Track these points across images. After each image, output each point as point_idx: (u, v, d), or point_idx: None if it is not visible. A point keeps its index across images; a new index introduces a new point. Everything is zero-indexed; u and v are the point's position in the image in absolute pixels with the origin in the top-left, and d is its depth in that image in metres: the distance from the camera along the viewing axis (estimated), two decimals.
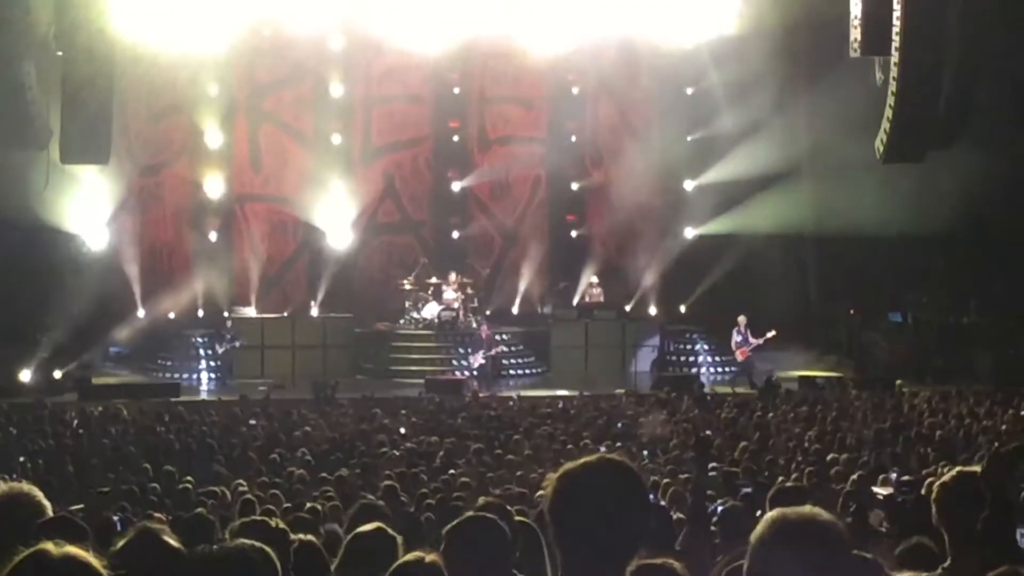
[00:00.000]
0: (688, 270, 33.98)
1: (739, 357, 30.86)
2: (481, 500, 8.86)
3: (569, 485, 3.88)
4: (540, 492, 3.83)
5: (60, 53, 25.73)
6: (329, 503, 12.78)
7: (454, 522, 5.41)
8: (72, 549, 3.41)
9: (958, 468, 5.93)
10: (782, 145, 31.21)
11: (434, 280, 32.75)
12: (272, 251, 34.39)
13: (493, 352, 30.84)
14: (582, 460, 3.94)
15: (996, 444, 6.01)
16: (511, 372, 31.91)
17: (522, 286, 34.89)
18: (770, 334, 30.18)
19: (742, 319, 30.70)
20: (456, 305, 32.12)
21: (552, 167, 35.38)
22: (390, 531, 5.77)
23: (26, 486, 5.07)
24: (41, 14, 25.84)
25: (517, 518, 7.42)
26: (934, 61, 24.93)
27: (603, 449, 16.57)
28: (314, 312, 33.44)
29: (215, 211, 33.92)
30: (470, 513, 5.73)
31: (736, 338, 30.76)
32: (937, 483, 5.89)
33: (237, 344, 30.78)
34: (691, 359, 32.75)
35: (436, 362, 31.50)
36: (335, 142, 34.34)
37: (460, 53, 33.16)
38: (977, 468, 5.69)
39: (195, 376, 31.21)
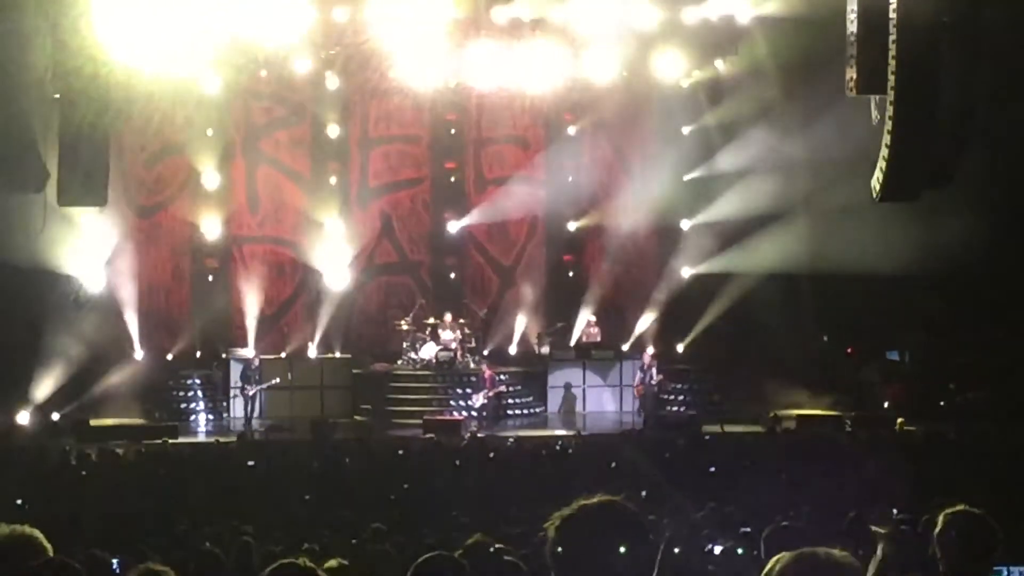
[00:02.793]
0: (685, 310, 33.92)
1: (636, 393, 30.81)
2: (472, 539, 8.82)
3: (569, 529, 3.87)
4: (541, 533, 3.81)
5: (57, 96, 25.78)
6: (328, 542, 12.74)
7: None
8: None
9: (961, 506, 5.92)
10: (779, 184, 31.24)
11: (431, 320, 32.75)
12: (269, 292, 34.33)
13: (493, 392, 30.82)
14: (580, 503, 3.93)
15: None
16: (509, 412, 31.84)
17: (519, 326, 34.86)
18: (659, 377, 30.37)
19: (648, 356, 30.73)
20: (453, 345, 32.10)
21: (549, 207, 35.38)
22: None
23: (27, 528, 5.07)
24: (38, 56, 25.88)
25: (507, 557, 7.41)
26: (930, 100, 24.98)
27: (600, 491, 16.50)
28: (312, 353, 33.43)
29: (212, 252, 33.92)
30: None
31: (639, 374, 30.74)
32: (940, 520, 5.90)
33: (265, 386, 30.75)
34: (688, 399, 32.59)
35: (434, 403, 31.44)
36: (332, 183, 34.37)
37: (456, 93, 33.24)
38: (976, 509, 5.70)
39: (193, 418, 31.17)
